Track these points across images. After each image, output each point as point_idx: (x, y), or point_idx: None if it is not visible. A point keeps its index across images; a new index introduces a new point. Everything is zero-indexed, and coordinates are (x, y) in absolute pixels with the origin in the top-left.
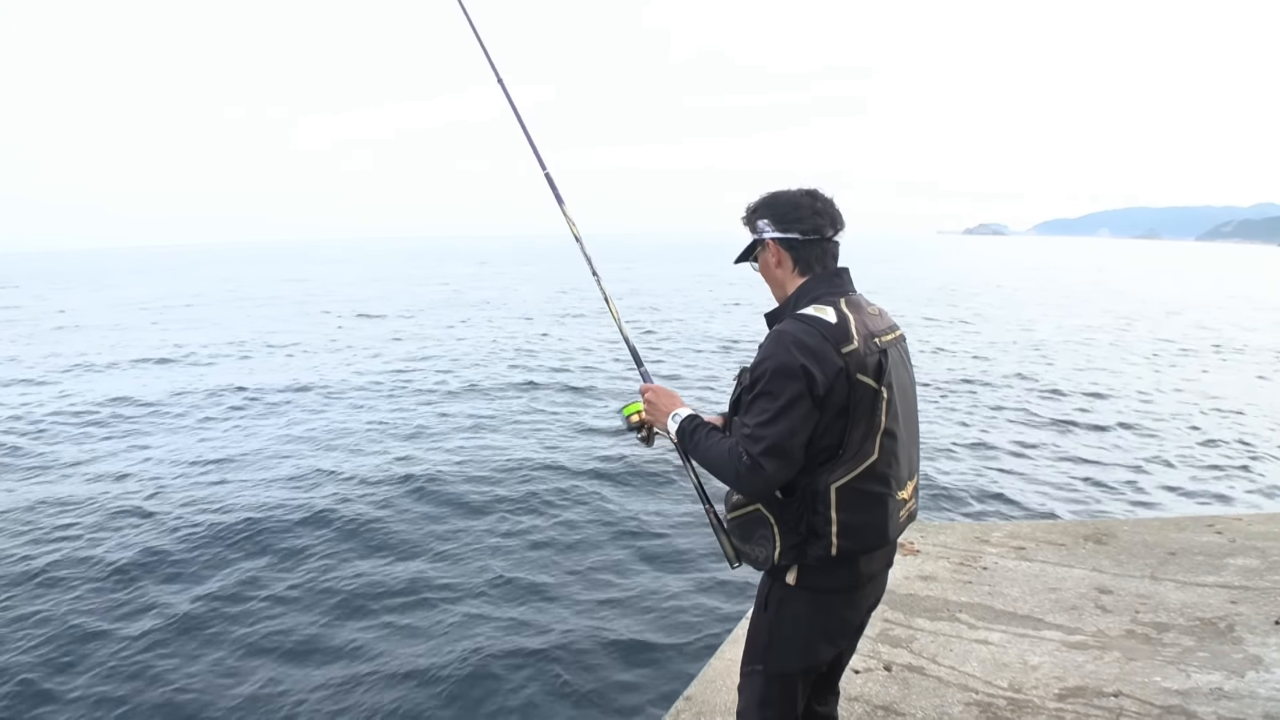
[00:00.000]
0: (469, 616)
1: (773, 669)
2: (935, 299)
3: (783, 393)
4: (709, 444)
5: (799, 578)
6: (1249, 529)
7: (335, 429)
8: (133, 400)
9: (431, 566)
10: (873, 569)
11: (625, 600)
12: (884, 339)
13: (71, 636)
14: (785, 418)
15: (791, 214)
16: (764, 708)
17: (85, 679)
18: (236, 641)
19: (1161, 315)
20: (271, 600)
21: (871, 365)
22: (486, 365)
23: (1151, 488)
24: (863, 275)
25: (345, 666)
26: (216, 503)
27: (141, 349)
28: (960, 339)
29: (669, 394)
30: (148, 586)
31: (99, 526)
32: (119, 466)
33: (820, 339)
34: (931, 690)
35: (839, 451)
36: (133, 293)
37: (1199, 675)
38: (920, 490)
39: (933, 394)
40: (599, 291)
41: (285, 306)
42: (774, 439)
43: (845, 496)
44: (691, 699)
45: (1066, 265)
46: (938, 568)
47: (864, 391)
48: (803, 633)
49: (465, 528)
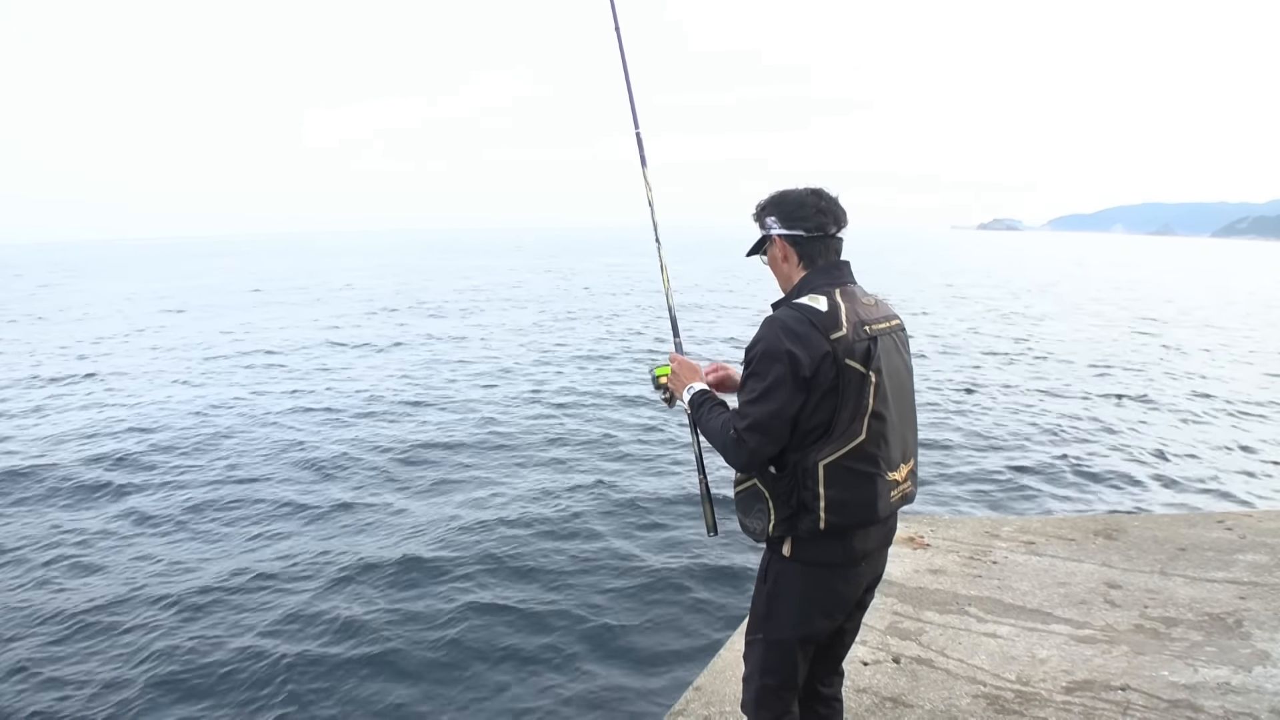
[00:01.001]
0: (472, 605)
1: (771, 636)
2: (947, 293)
3: (769, 374)
4: (710, 417)
5: (793, 550)
6: (1259, 525)
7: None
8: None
9: (425, 546)
10: (868, 546)
11: (634, 590)
12: (875, 326)
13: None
14: (770, 398)
15: (797, 212)
16: (764, 675)
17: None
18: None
19: (1175, 313)
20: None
21: (860, 351)
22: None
23: (1162, 484)
24: (876, 269)
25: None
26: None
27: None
28: (973, 335)
29: (692, 368)
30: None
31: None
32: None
33: (809, 325)
34: (940, 682)
35: (828, 431)
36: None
37: (1207, 670)
38: (932, 484)
39: (946, 389)
40: (658, 260)
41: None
42: (757, 416)
43: (833, 474)
44: (701, 689)
45: (1081, 260)
46: (948, 561)
47: (852, 375)
48: (797, 603)
49: (458, 514)
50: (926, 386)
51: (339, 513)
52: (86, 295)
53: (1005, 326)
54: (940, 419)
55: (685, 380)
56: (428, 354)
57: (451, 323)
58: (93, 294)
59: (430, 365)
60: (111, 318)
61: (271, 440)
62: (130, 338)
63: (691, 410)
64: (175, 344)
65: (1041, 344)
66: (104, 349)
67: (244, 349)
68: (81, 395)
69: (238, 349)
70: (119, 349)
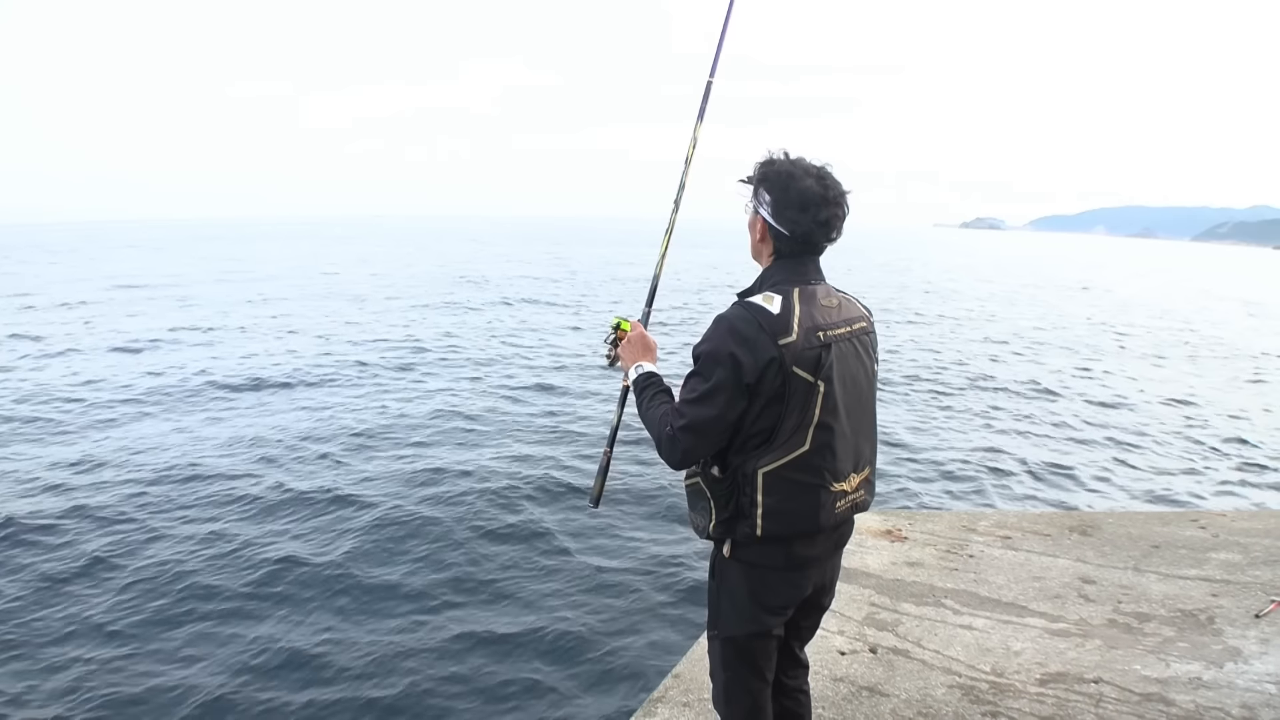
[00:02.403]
0: (448, 605)
1: (724, 633)
2: (928, 293)
3: (710, 376)
4: (652, 406)
5: (732, 550)
6: (1232, 525)
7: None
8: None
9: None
10: (813, 552)
11: (611, 584)
12: (832, 332)
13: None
14: (709, 401)
15: (793, 211)
16: (726, 669)
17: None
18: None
19: (1154, 315)
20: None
21: (809, 359)
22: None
23: (1137, 482)
24: (859, 268)
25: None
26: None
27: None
28: (952, 333)
29: (646, 347)
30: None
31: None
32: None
33: (757, 328)
34: (916, 673)
35: (770, 439)
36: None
37: (1179, 665)
38: (910, 479)
39: (923, 386)
40: (669, 220)
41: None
42: (694, 419)
43: (772, 483)
44: (680, 676)
45: (1065, 259)
46: (925, 554)
47: (799, 384)
48: (740, 602)
49: (441, 515)
50: (904, 382)
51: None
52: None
53: (985, 323)
54: (918, 414)
55: (637, 355)
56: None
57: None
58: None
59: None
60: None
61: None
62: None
63: (635, 390)
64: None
65: (1022, 341)
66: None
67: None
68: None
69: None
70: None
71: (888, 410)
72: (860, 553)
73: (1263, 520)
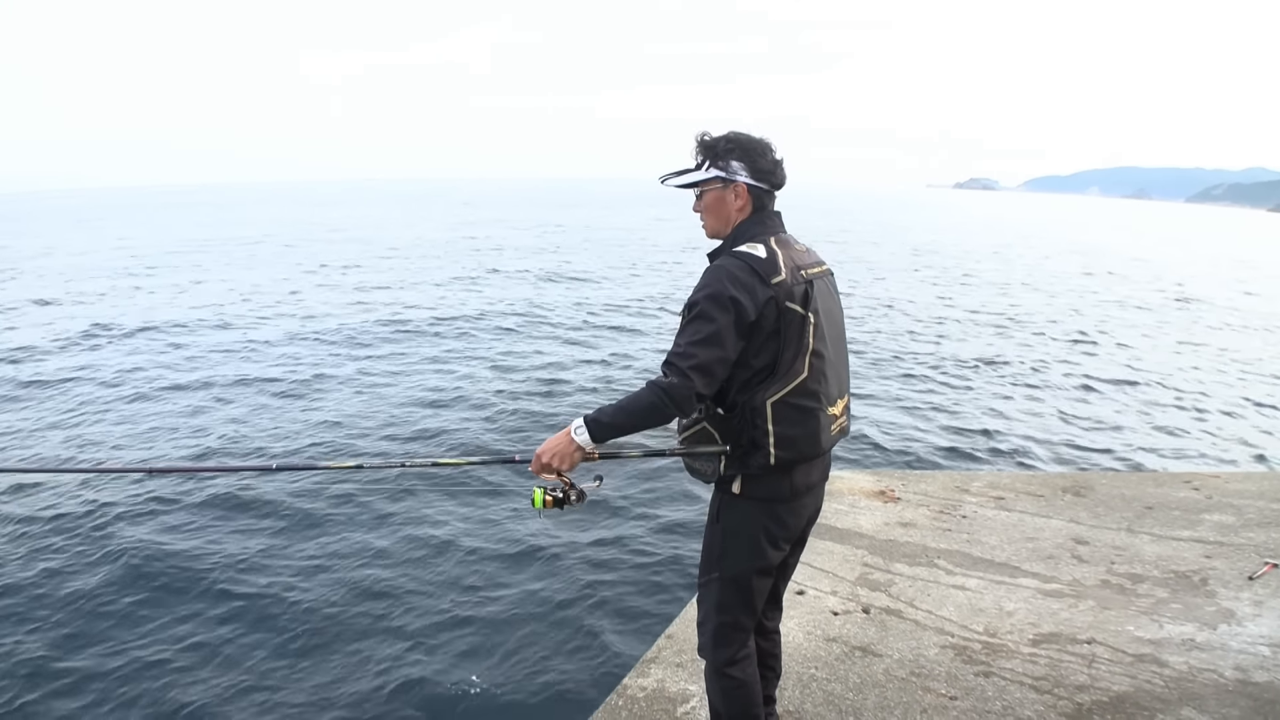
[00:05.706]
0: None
1: (728, 573)
2: (921, 254)
3: (715, 319)
4: (623, 403)
5: (742, 488)
6: (1226, 487)
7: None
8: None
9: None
10: (810, 480)
11: (605, 555)
12: (810, 271)
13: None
14: (715, 342)
15: (765, 164)
16: (721, 612)
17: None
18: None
19: (1148, 276)
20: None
21: (799, 294)
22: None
23: (1131, 444)
24: (853, 226)
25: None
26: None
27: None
28: (946, 294)
29: (555, 438)
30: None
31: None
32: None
33: (750, 273)
34: (908, 633)
35: (773, 371)
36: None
37: (1172, 626)
38: (904, 439)
39: (917, 347)
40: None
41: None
42: (704, 358)
43: (780, 411)
44: (673, 637)
45: (1060, 220)
46: (918, 515)
47: (793, 317)
48: (749, 536)
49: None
50: (897, 343)
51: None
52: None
53: (976, 286)
54: (912, 375)
55: (564, 442)
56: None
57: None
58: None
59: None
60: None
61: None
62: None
63: (599, 432)
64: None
65: (1016, 304)
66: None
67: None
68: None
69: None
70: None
71: (881, 371)
72: (853, 513)
73: (1256, 482)
